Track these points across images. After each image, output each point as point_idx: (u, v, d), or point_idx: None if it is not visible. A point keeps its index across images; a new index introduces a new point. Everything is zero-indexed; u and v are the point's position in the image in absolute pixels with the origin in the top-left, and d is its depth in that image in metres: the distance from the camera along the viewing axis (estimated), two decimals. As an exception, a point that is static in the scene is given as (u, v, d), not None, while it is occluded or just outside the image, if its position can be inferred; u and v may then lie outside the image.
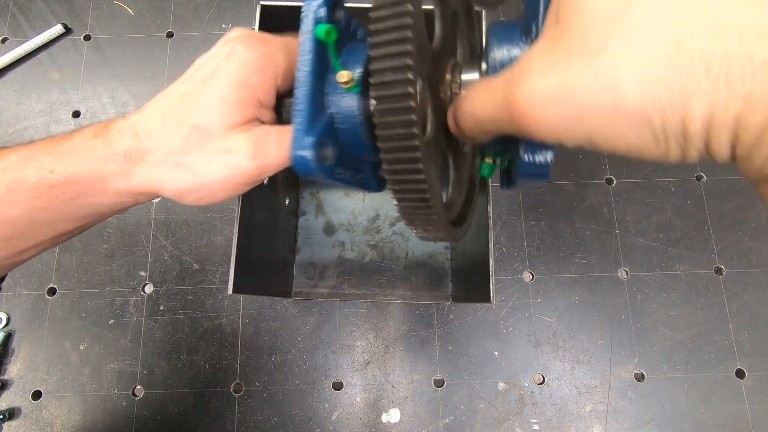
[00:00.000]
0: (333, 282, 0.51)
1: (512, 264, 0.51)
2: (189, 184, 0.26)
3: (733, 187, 0.53)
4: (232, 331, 0.49)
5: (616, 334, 0.49)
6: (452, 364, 0.48)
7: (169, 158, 0.25)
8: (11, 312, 0.49)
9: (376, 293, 0.50)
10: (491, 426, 0.46)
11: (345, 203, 0.53)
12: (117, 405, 0.46)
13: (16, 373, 0.47)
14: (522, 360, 0.48)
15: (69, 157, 0.25)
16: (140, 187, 0.26)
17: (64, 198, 0.25)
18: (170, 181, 0.25)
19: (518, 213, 0.52)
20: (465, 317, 0.49)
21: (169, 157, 0.25)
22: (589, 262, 0.51)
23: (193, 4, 0.59)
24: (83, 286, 0.50)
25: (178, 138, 0.25)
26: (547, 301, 0.50)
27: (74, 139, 0.26)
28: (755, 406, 0.47)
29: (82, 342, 0.48)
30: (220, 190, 0.26)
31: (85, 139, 0.26)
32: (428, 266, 0.51)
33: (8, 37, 0.58)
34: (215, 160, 0.25)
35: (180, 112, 0.25)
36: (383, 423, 0.46)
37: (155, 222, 0.52)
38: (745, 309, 0.49)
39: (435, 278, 0.51)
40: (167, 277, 0.50)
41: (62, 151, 0.25)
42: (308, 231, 0.52)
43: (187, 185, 0.26)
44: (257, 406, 0.47)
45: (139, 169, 0.25)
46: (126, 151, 0.25)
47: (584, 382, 0.47)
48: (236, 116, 0.25)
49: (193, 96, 0.25)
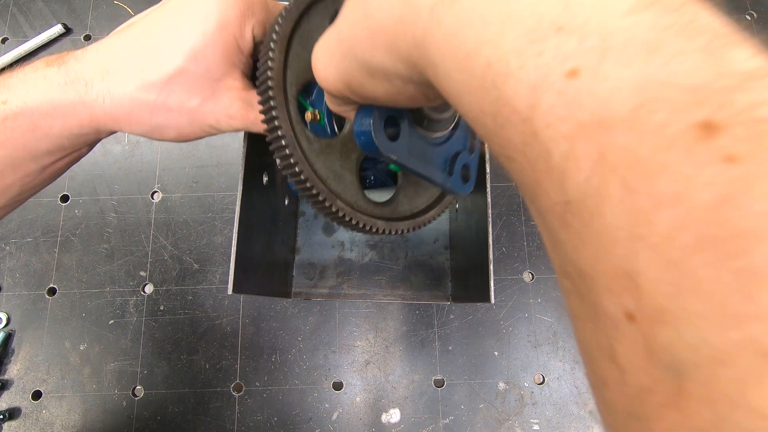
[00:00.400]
0: (333, 282, 0.50)
1: (512, 264, 0.51)
2: (161, 126, 0.26)
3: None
4: (232, 331, 0.49)
5: (616, 334, 0.49)
6: (452, 364, 0.48)
7: (144, 93, 0.25)
8: (11, 312, 0.49)
9: (376, 293, 0.50)
10: (491, 426, 0.46)
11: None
12: (117, 405, 0.46)
13: (16, 373, 0.47)
14: (522, 360, 0.48)
15: (20, 87, 0.24)
16: (105, 117, 0.25)
17: (21, 130, 0.24)
18: (141, 119, 0.25)
19: (518, 213, 0.52)
20: (465, 317, 0.49)
21: (143, 92, 0.25)
22: (589, 262, 0.51)
23: (193, 4, 0.59)
24: (83, 286, 0.50)
25: (155, 74, 0.24)
26: (547, 301, 0.50)
27: (24, 68, 0.25)
28: (755, 406, 0.46)
29: (82, 342, 0.48)
30: (190, 135, 0.27)
31: (36, 68, 0.25)
32: (428, 266, 0.51)
33: (8, 37, 0.58)
34: (197, 111, 0.26)
35: (158, 45, 0.24)
36: (383, 423, 0.46)
37: (155, 222, 0.52)
38: (745, 309, 0.49)
39: (435, 278, 0.51)
40: (167, 277, 0.50)
41: (12, 82, 0.24)
42: (308, 231, 0.52)
43: (159, 126, 0.26)
44: (257, 406, 0.47)
45: (104, 99, 0.25)
46: (88, 78, 0.24)
47: (584, 382, 0.47)
48: (222, 67, 0.25)
49: (174, 34, 0.24)
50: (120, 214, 0.52)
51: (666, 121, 0.08)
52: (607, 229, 0.09)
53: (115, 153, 0.54)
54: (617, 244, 0.09)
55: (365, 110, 0.22)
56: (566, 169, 0.09)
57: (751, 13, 0.59)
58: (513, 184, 0.53)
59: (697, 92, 0.08)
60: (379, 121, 0.22)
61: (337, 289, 0.50)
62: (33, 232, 0.51)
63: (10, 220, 0.51)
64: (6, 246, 0.51)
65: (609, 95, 0.09)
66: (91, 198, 0.52)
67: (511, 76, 0.10)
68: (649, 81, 0.08)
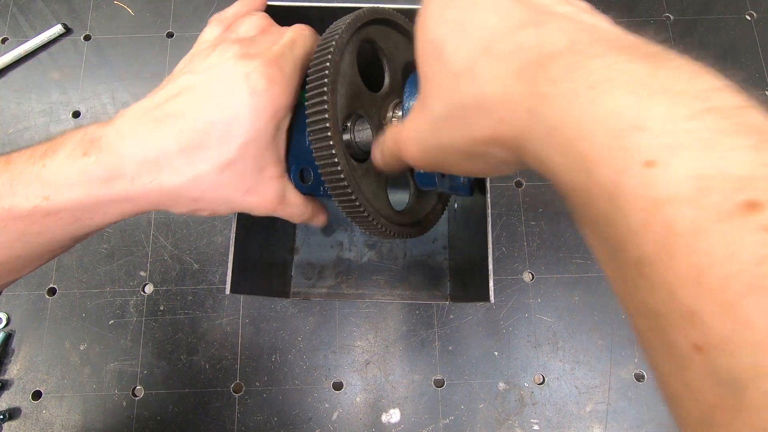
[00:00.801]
0: (331, 282, 0.50)
1: (512, 264, 0.51)
2: (200, 210, 0.26)
3: (734, 186, 0.53)
4: (232, 331, 0.49)
5: (616, 334, 0.49)
6: (452, 364, 0.48)
7: (194, 186, 0.24)
8: (11, 312, 0.49)
9: (375, 293, 0.50)
10: (491, 426, 0.46)
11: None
12: (117, 405, 0.46)
13: (16, 373, 0.47)
14: (522, 360, 0.48)
15: (61, 181, 0.23)
16: (148, 205, 0.25)
17: (62, 223, 0.24)
18: (185, 205, 0.25)
19: (518, 213, 0.52)
20: (465, 317, 0.49)
21: (193, 186, 0.24)
22: (589, 262, 0.51)
23: (193, 4, 0.59)
24: (83, 286, 0.50)
25: (206, 167, 0.24)
26: (547, 301, 0.50)
27: (57, 152, 0.23)
28: (755, 406, 0.46)
29: (82, 342, 0.48)
30: (222, 215, 0.28)
31: (73, 156, 0.23)
32: (427, 266, 0.51)
33: (8, 37, 0.58)
34: (237, 200, 0.26)
35: (209, 138, 0.24)
36: (383, 423, 0.46)
37: (155, 222, 0.52)
38: (746, 309, 0.49)
39: (433, 278, 0.51)
40: (167, 277, 0.50)
41: (47, 174, 0.23)
42: (306, 231, 0.52)
43: (198, 209, 0.26)
44: (257, 406, 0.47)
45: (151, 192, 0.24)
46: (134, 173, 0.23)
47: (584, 382, 0.47)
48: (267, 156, 0.26)
49: (222, 126, 0.24)
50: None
51: (720, 200, 0.11)
52: (677, 278, 0.12)
53: (115, 153, 0.54)
54: (684, 290, 0.11)
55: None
56: (644, 233, 0.12)
57: (751, 13, 0.59)
58: (513, 184, 0.53)
59: (743, 179, 0.11)
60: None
61: (335, 289, 0.50)
62: (33, 232, 0.51)
63: (10, 220, 0.51)
64: (6, 246, 0.51)
65: (678, 181, 0.12)
66: (91, 198, 0.52)
67: (601, 164, 0.13)
68: (708, 170, 0.11)
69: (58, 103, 0.56)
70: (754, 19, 0.59)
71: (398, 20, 0.31)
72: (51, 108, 0.56)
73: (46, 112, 0.56)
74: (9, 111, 0.56)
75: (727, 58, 0.57)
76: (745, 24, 0.59)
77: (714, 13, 0.59)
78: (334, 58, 0.26)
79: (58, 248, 0.26)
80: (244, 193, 0.26)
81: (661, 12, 0.59)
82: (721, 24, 0.59)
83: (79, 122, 0.55)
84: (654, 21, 0.59)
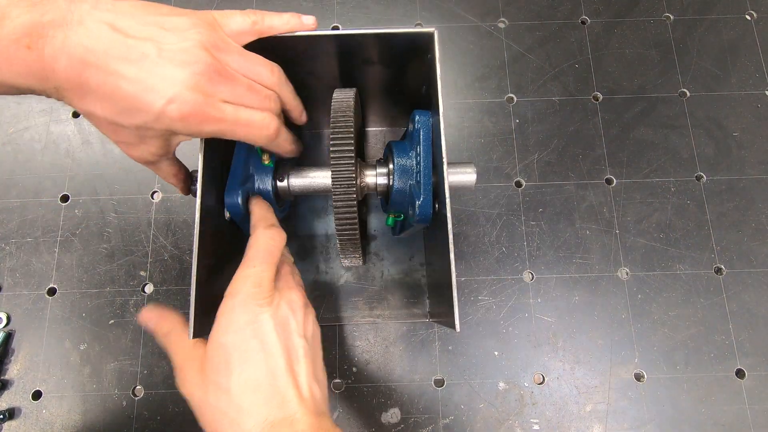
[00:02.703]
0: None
1: (512, 264, 0.51)
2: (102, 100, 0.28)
3: (733, 187, 0.53)
4: (232, 331, 0.49)
5: (616, 334, 0.49)
6: (452, 364, 0.48)
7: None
8: (11, 312, 0.49)
9: (354, 315, 0.49)
10: (491, 426, 0.46)
11: (318, 225, 0.52)
12: (117, 405, 0.46)
13: (16, 373, 0.47)
14: (522, 360, 0.48)
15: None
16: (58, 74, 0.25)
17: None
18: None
19: (518, 213, 0.52)
20: (465, 317, 0.49)
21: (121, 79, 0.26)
22: (589, 262, 0.51)
23: (193, 5, 0.59)
24: (83, 286, 0.50)
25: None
26: (547, 301, 0.50)
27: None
28: (755, 406, 0.47)
29: (82, 342, 0.48)
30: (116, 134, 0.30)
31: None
32: (404, 284, 0.50)
33: (8, 37, 0.58)
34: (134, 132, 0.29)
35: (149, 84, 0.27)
36: (383, 423, 0.46)
37: (155, 222, 0.52)
38: (745, 309, 0.49)
39: (412, 296, 0.50)
40: (167, 277, 0.50)
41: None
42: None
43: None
44: (257, 406, 0.47)
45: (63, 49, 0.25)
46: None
47: (584, 382, 0.47)
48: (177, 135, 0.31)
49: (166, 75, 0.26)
50: (120, 214, 0.52)
51: None
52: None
53: (116, 153, 0.54)
54: None
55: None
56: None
57: (751, 13, 0.59)
58: (513, 184, 0.53)
59: None
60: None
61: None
62: (33, 232, 0.51)
63: (10, 220, 0.51)
64: (6, 246, 0.51)
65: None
66: (92, 198, 0.52)
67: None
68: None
69: (58, 102, 0.56)
70: (754, 19, 0.59)
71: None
72: (51, 108, 0.56)
73: (46, 112, 0.56)
74: (9, 111, 0.56)
75: (727, 58, 0.57)
76: (745, 24, 0.59)
77: (714, 13, 0.59)
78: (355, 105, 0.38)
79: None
80: (144, 132, 0.29)
81: (661, 12, 0.59)
82: (721, 24, 0.59)
83: (80, 122, 0.55)
84: (654, 21, 0.59)
